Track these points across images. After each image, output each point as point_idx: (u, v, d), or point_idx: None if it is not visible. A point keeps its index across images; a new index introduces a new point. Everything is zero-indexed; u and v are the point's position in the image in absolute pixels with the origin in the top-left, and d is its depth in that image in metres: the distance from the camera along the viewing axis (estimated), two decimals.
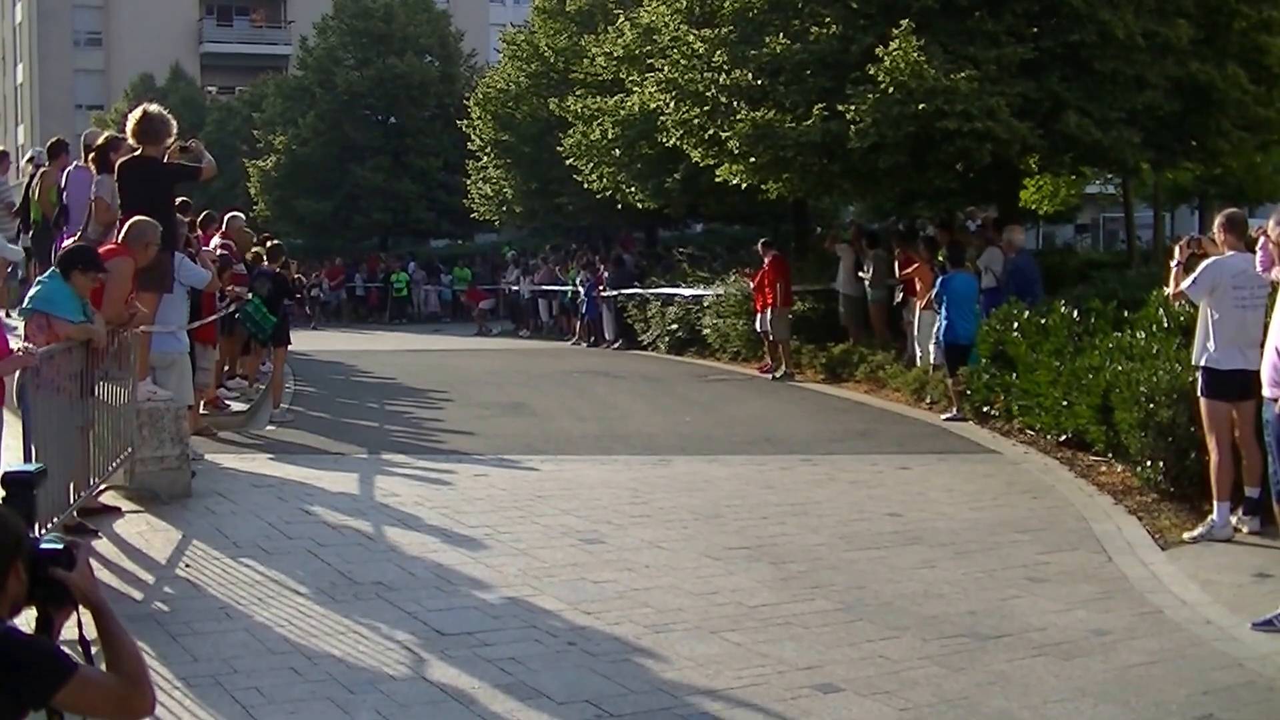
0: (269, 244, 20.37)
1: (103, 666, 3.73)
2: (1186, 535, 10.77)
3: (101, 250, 11.07)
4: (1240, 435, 10.53)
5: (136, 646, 3.80)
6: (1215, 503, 10.60)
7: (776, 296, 23.37)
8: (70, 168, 15.47)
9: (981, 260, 19.44)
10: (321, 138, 51.75)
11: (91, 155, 13.87)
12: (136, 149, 12.49)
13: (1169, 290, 11.52)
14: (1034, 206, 33.16)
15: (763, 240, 25.51)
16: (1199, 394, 10.73)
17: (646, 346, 31.05)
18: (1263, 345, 9.35)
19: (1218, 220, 11.01)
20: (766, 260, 23.86)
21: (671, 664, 7.66)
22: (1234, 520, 10.67)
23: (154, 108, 12.77)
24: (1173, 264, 11.33)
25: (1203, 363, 10.63)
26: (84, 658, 3.74)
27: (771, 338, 23.95)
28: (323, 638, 8.01)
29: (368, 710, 6.79)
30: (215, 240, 17.75)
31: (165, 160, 12.76)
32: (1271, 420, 8.34)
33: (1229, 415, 10.49)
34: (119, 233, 11.80)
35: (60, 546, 3.74)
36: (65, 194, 15.13)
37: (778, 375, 23.45)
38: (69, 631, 3.79)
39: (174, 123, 12.67)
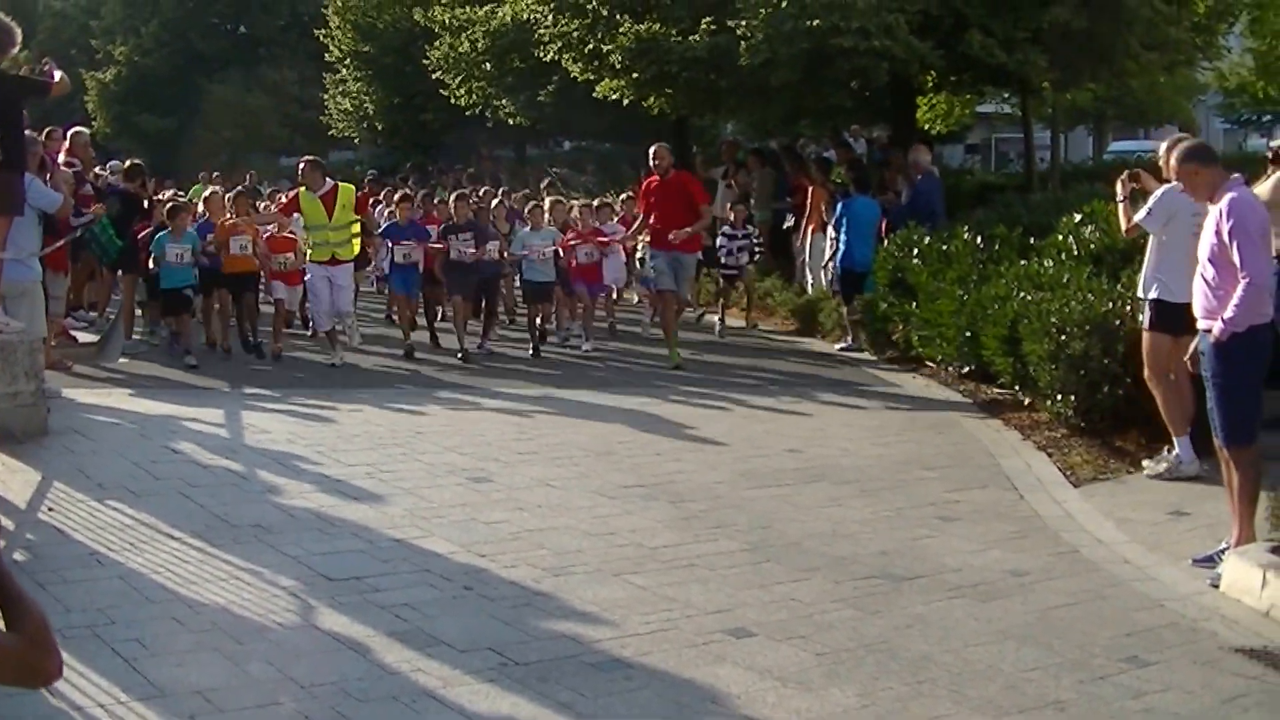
0: (128, 164, 20.05)
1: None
2: (1147, 471, 10.87)
3: None
4: (1177, 370, 10.57)
5: (39, 604, 3.70)
6: (1175, 439, 10.67)
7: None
8: None
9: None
10: (166, 48, 50.87)
11: None
12: None
13: (1122, 226, 11.44)
14: (926, 126, 33.29)
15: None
16: (1145, 328, 10.69)
17: None
18: None
19: (1164, 146, 10.91)
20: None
21: (575, 609, 7.69)
22: (1160, 457, 10.84)
23: None
24: (1119, 200, 11.35)
25: (1153, 295, 10.59)
26: None
27: None
28: (203, 584, 7.93)
29: (259, 660, 6.73)
30: (61, 158, 17.34)
31: (11, 74, 12.44)
32: (1207, 350, 8.45)
33: (1169, 349, 10.47)
34: None
35: None
36: None
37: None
38: None
39: (19, 32, 12.33)
